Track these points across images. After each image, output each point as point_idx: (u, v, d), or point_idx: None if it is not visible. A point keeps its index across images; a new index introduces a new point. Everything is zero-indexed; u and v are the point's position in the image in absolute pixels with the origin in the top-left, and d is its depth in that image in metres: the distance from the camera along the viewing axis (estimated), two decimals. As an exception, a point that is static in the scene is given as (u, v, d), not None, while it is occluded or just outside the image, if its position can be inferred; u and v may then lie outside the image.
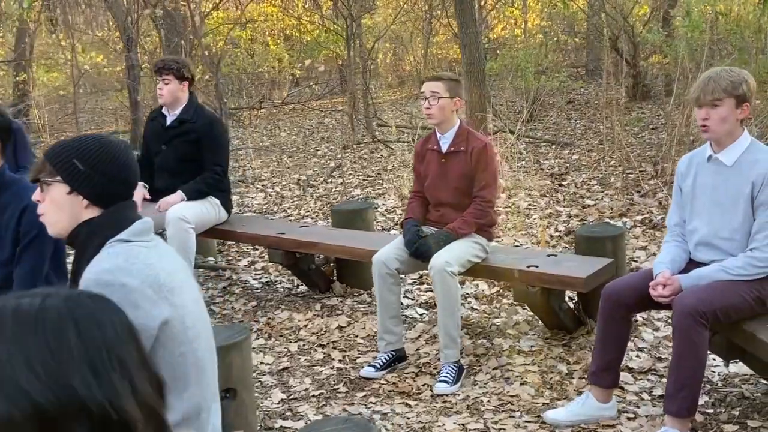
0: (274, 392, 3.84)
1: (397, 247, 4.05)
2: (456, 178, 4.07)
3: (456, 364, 3.85)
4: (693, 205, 3.33)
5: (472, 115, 8.45)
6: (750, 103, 3.16)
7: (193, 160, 4.99)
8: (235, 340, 3.05)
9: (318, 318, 4.72)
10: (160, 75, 4.99)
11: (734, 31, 8.07)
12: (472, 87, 8.47)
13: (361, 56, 11.84)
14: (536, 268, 3.97)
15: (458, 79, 4.16)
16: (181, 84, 4.97)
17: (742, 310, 3.09)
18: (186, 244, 4.75)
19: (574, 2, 13.50)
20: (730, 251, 3.19)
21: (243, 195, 8.35)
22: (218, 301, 5.14)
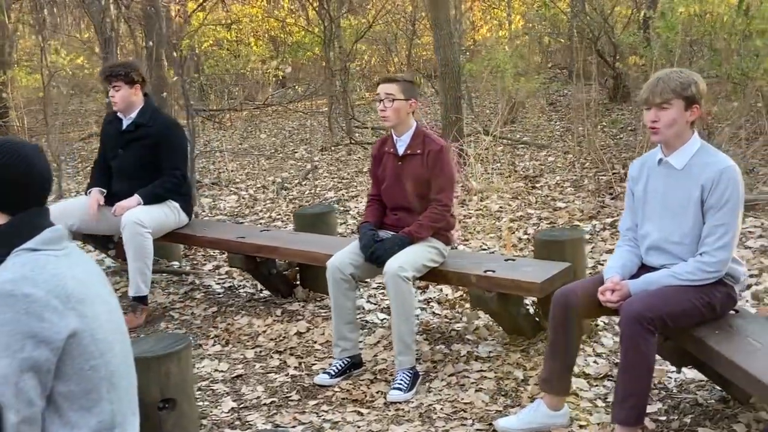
0: (225, 401, 3.77)
1: (353, 252, 3.99)
2: (412, 181, 4.01)
3: (411, 370, 3.79)
4: (644, 209, 3.28)
5: (447, 116, 8.40)
6: (700, 106, 3.11)
7: (151, 164, 4.92)
8: (173, 349, 2.98)
9: (278, 324, 4.65)
10: (109, 83, 4.92)
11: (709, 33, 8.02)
12: (446, 88, 8.42)
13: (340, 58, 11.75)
14: (493, 272, 3.91)
15: (414, 81, 4.10)
16: (132, 88, 4.90)
17: (692, 316, 3.03)
18: (142, 249, 4.69)
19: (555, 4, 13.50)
20: (680, 256, 3.14)
21: (216, 198, 8.28)
22: (178, 306, 5.07)
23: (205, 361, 4.23)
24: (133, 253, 4.68)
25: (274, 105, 15.13)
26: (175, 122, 5.15)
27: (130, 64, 5.05)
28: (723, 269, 3.06)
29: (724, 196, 3.02)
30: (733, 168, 3.05)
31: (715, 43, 8.10)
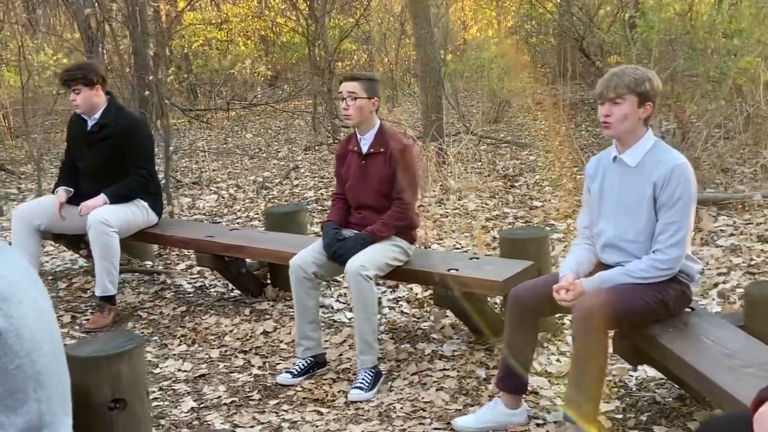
0: (185, 400, 3.74)
1: (316, 251, 3.97)
2: (376, 180, 4.00)
3: (373, 369, 3.78)
4: (600, 206, 3.27)
5: (427, 115, 8.40)
6: (653, 103, 3.10)
7: (117, 163, 4.90)
8: (124, 349, 2.96)
9: (245, 323, 4.63)
10: (68, 87, 4.89)
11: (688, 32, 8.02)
12: (427, 87, 8.42)
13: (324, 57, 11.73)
14: (456, 271, 3.90)
15: (376, 79, 4.08)
16: (93, 89, 4.87)
17: (645, 314, 3.02)
18: (108, 248, 4.67)
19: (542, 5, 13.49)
20: (635, 253, 3.13)
21: (195, 197, 8.26)
22: (147, 306, 5.05)
23: (169, 361, 4.21)
24: (99, 252, 4.66)
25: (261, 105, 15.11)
26: (140, 120, 5.12)
27: (87, 66, 5.02)
28: (676, 267, 3.05)
29: (675, 194, 3.01)
30: (685, 165, 3.04)
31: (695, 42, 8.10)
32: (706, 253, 5.07)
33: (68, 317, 4.89)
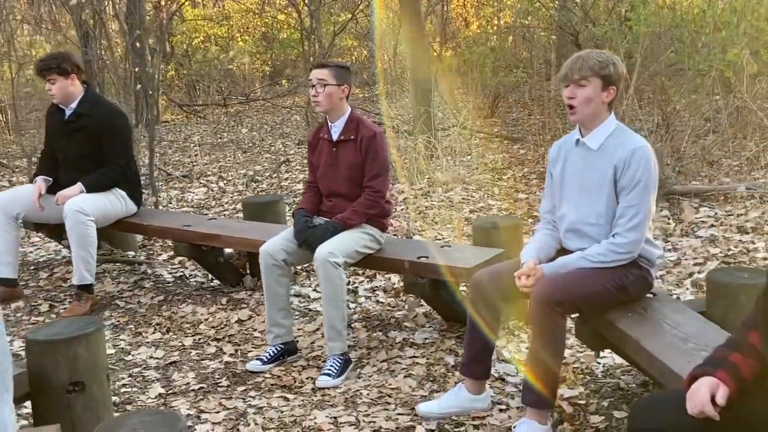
0: (154, 387, 3.75)
1: (286, 238, 3.97)
2: (346, 167, 4.00)
3: (342, 356, 3.78)
4: (562, 190, 3.26)
5: (417, 109, 8.40)
6: (617, 87, 3.10)
7: (95, 153, 4.90)
8: (82, 332, 2.97)
9: (221, 312, 4.64)
10: (43, 77, 4.90)
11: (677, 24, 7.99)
12: (416, 81, 8.42)
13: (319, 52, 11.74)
14: (426, 259, 3.90)
15: (346, 66, 4.08)
16: (68, 78, 4.87)
17: (604, 299, 3.02)
18: (85, 237, 4.67)
19: (539, 0, 13.45)
20: (596, 238, 3.12)
21: (185, 190, 8.26)
22: (126, 295, 5.05)
23: (141, 348, 4.22)
24: (75, 241, 4.67)
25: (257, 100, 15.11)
26: (118, 110, 5.11)
27: (61, 55, 5.00)
28: (635, 251, 3.04)
29: (635, 177, 3.01)
30: (646, 148, 3.03)
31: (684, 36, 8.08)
32: (685, 244, 5.06)
33: (46, 306, 4.91)
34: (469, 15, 22.05)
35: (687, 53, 7.81)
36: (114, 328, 4.53)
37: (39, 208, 4.87)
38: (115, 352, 4.19)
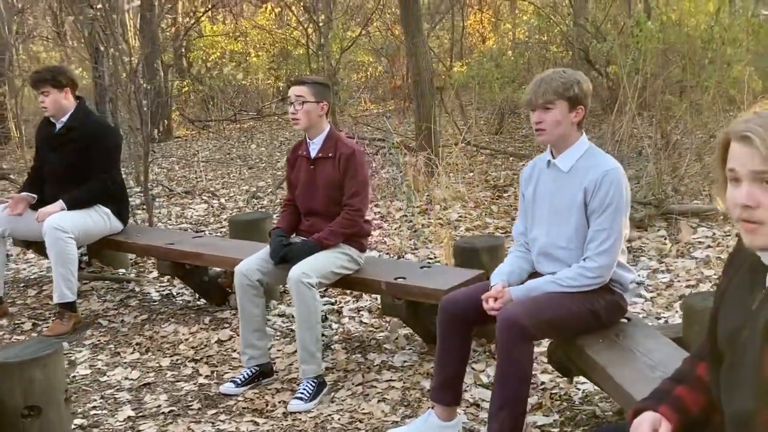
0: (124, 409, 3.69)
1: (261, 258, 3.91)
2: (324, 185, 3.93)
3: (315, 380, 3.70)
4: (534, 212, 3.18)
5: (419, 125, 8.33)
6: (585, 106, 3.02)
7: (81, 167, 4.86)
8: (38, 355, 2.92)
9: (203, 332, 4.58)
10: (37, 89, 4.88)
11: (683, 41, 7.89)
12: (419, 96, 8.35)
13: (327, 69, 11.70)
14: (404, 280, 3.82)
15: (325, 83, 4.02)
16: (62, 92, 4.86)
17: (573, 324, 2.93)
18: (64, 254, 4.63)
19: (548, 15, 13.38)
20: (567, 261, 3.03)
21: (186, 206, 8.24)
22: (111, 314, 5.00)
23: (117, 369, 4.16)
24: (54, 258, 4.63)
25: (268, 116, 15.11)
26: (107, 125, 5.08)
27: (57, 69, 5.01)
28: (606, 275, 2.95)
29: (605, 200, 2.92)
30: (617, 170, 2.95)
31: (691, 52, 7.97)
32: (680, 265, 4.93)
33: (30, 324, 4.87)
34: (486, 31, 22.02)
35: (692, 70, 7.71)
36: (93, 347, 4.48)
37: (12, 216, 4.82)
38: (90, 372, 4.14)
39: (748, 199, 1.60)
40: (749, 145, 1.59)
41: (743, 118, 1.64)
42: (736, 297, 1.78)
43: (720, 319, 1.81)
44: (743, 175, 1.61)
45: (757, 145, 1.58)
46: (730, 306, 1.78)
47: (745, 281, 1.77)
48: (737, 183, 1.63)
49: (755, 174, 1.59)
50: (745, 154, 1.61)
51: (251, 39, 20.06)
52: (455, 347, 3.14)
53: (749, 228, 1.63)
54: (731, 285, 1.82)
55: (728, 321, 1.77)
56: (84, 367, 4.19)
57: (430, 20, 18.47)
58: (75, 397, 3.85)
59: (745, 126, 1.61)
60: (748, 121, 1.62)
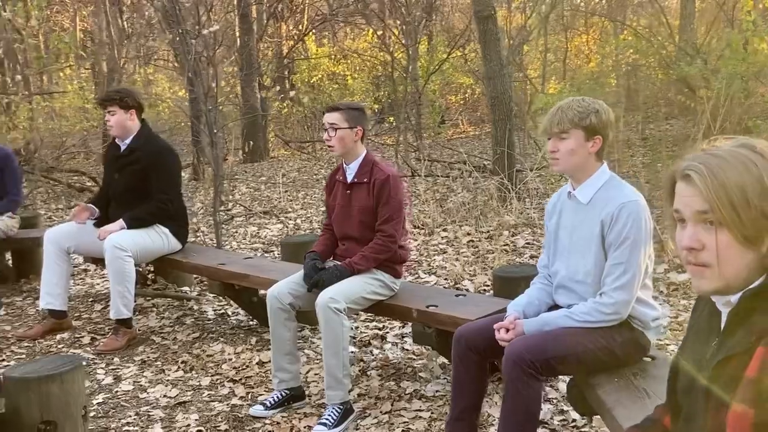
0: (154, 427, 3.75)
1: (294, 282, 3.92)
2: (359, 210, 3.92)
3: (341, 406, 3.67)
4: (555, 245, 3.08)
5: (495, 150, 8.23)
6: (603, 136, 2.90)
7: (141, 188, 5.02)
8: (55, 371, 3.00)
9: (247, 352, 4.63)
10: (104, 107, 5.07)
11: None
12: (496, 121, 8.25)
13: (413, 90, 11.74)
14: (435, 308, 3.75)
15: (360, 108, 4.01)
16: (128, 113, 5.03)
17: (587, 361, 2.80)
18: (122, 272, 4.78)
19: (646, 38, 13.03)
20: (584, 295, 2.92)
21: (262, 226, 8.38)
22: (166, 331, 5.13)
23: (158, 386, 4.24)
24: (113, 276, 4.78)
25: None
26: (168, 148, 5.21)
27: (125, 90, 5.18)
28: (623, 311, 2.81)
29: (623, 233, 2.79)
30: (636, 203, 2.81)
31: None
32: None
33: (88, 338, 5.04)
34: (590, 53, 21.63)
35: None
36: (141, 363, 4.59)
37: (76, 224, 5.04)
38: (132, 388, 4.23)
39: (691, 241, 1.50)
40: (691, 184, 1.49)
41: (689, 156, 1.53)
42: (694, 345, 1.66)
43: (680, 368, 1.70)
44: (687, 216, 1.51)
45: (697, 184, 1.48)
46: (688, 355, 1.67)
47: (703, 328, 1.65)
48: (683, 224, 1.53)
49: (698, 214, 1.49)
50: (687, 194, 1.51)
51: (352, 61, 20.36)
52: (470, 380, 3.06)
53: (695, 271, 1.52)
54: (691, 332, 1.70)
55: (686, 373, 1.66)
56: (128, 383, 4.30)
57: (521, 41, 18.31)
58: (112, 412, 3.95)
59: (687, 164, 1.51)
60: (693, 159, 1.51)
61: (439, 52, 16.25)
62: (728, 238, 1.46)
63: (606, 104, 2.94)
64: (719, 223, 1.46)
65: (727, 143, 1.53)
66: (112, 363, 4.62)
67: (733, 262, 1.47)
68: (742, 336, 1.48)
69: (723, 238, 1.46)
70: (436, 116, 15.00)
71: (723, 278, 1.49)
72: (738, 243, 1.46)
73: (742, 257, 1.47)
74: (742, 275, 1.48)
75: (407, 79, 11.86)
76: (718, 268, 1.48)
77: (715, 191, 1.46)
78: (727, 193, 1.45)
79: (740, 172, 1.46)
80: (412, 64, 11.92)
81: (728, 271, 1.48)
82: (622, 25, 17.92)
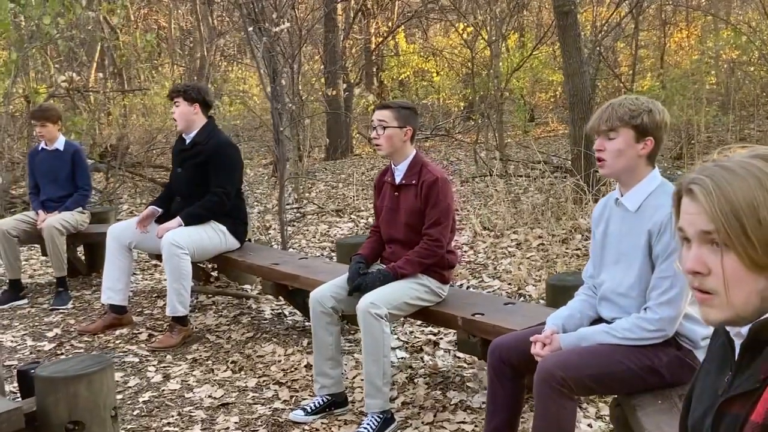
0: (194, 429, 3.71)
1: (337, 285, 3.82)
2: (406, 213, 3.79)
3: (381, 414, 3.55)
4: (602, 254, 2.87)
5: (573, 150, 7.96)
6: (655, 138, 2.68)
7: (200, 183, 5.01)
8: (83, 372, 2.98)
9: (298, 354, 4.56)
10: (171, 99, 5.08)
11: None
12: (575, 120, 7.98)
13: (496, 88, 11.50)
14: (481, 316, 3.59)
15: (411, 107, 3.86)
16: (192, 106, 5.03)
17: (627, 381, 2.59)
18: (178, 270, 4.78)
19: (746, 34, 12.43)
20: (628, 309, 2.71)
21: (333, 225, 8.33)
22: (222, 329, 5.11)
23: (205, 386, 4.21)
24: (169, 273, 4.79)
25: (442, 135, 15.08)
26: (229, 142, 5.16)
27: (192, 84, 5.18)
28: (669, 329, 2.59)
29: (671, 244, 2.57)
30: (684, 211, 2.58)
31: None
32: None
33: (146, 335, 5.06)
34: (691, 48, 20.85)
35: None
36: (193, 362, 4.58)
37: (141, 232, 5.07)
38: (179, 387, 4.22)
39: (695, 264, 1.31)
40: (695, 200, 1.30)
41: (698, 167, 1.34)
42: (706, 379, 1.47)
43: (693, 403, 1.50)
44: (691, 235, 1.32)
45: (701, 201, 1.29)
46: (701, 389, 1.48)
47: (716, 361, 1.46)
48: (688, 245, 1.34)
49: (703, 234, 1.30)
50: (691, 211, 1.32)
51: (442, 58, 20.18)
52: (504, 395, 2.90)
53: (701, 299, 1.33)
54: (705, 364, 1.51)
55: (697, 407, 1.47)
56: (176, 382, 4.28)
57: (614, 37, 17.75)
58: (156, 411, 3.93)
59: (692, 177, 1.32)
60: (700, 171, 1.32)
61: (528, 48, 15.91)
62: (736, 262, 1.27)
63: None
64: (725, 245, 1.27)
65: (741, 153, 1.33)
66: (164, 360, 4.62)
67: (742, 289, 1.28)
68: (750, 374, 1.29)
69: (730, 262, 1.27)
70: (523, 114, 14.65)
71: (732, 307, 1.29)
72: (746, 268, 1.26)
73: (752, 284, 1.27)
74: (753, 304, 1.29)
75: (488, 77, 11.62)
76: (725, 296, 1.29)
77: (721, 209, 1.27)
78: (734, 211, 1.26)
79: (751, 186, 1.26)
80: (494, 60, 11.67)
81: (737, 299, 1.29)
82: (723, 21, 17.18)
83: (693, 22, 21.46)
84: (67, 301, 5.78)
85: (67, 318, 5.49)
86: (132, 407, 3.98)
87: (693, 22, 21.46)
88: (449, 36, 21.44)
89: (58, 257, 5.77)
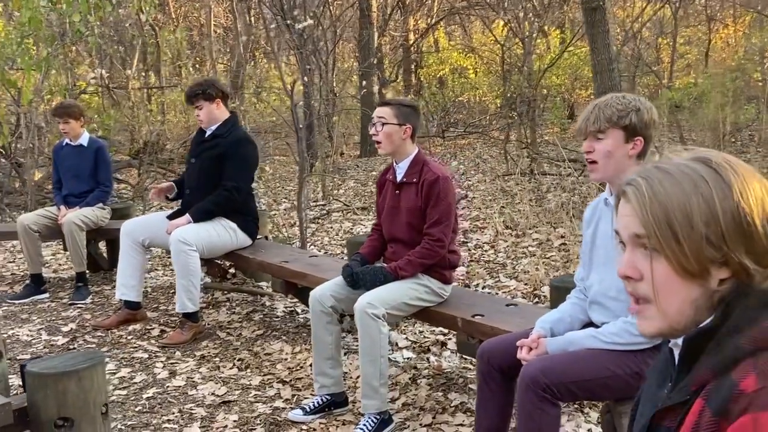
0: (192, 426, 3.71)
1: (337, 284, 3.79)
2: (407, 211, 3.74)
3: (378, 415, 3.51)
4: (591, 257, 2.80)
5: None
6: (645, 137, 2.60)
7: (215, 175, 4.99)
8: (74, 368, 2.98)
9: (305, 352, 4.54)
10: (192, 104, 5.08)
11: None
12: (603, 117, 7.82)
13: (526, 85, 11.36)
14: (481, 317, 3.53)
15: (412, 105, 3.81)
16: (213, 103, 5.03)
17: (613, 387, 2.52)
18: (186, 266, 4.79)
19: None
20: (618, 313, 2.63)
21: (356, 222, 8.31)
22: (233, 326, 5.11)
23: (209, 383, 4.21)
24: (178, 270, 4.80)
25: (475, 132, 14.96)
26: (248, 138, 5.12)
27: (206, 82, 5.15)
28: (656, 334, 2.50)
29: (659, 246, 2.48)
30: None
31: None
32: None
33: (158, 330, 5.08)
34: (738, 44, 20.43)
35: None
36: (201, 359, 4.58)
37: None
38: (184, 384, 4.22)
39: (627, 268, 1.25)
40: (629, 202, 1.25)
41: (639, 169, 1.28)
42: (648, 391, 1.41)
43: (637, 416, 1.44)
44: (625, 238, 1.27)
45: (633, 203, 1.23)
46: (644, 400, 1.42)
47: (661, 369, 1.40)
48: (624, 248, 1.28)
49: (635, 238, 1.24)
50: (625, 213, 1.26)
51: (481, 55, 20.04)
52: (494, 399, 2.84)
53: (634, 310, 1.27)
54: (649, 375, 1.45)
55: (639, 419, 1.41)
56: (181, 379, 4.29)
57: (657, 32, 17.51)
58: (158, 407, 3.94)
59: (630, 178, 1.26)
60: (638, 173, 1.26)
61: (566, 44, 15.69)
62: (666, 268, 1.21)
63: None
64: (655, 250, 1.21)
65: (683, 155, 1.27)
66: (173, 357, 4.63)
67: (674, 298, 1.22)
68: (683, 386, 1.23)
69: (660, 268, 1.21)
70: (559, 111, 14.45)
71: (665, 317, 1.23)
72: (677, 275, 1.20)
73: (684, 292, 1.21)
74: (686, 314, 1.22)
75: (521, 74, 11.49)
76: (657, 305, 1.23)
77: (653, 212, 1.21)
78: (666, 215, 1.20)
79: (686, 191, 1.20)
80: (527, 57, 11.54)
81: (669, 308, 1.22)
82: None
83: (740, 18, 21.04)
84: (86, 296, 5.84)
85: (84, 313, 5.55)
86: (135, 403, 3.99)
87: (740, 18, 21.04)
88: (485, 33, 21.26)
89: (78, 252, 5.83)
